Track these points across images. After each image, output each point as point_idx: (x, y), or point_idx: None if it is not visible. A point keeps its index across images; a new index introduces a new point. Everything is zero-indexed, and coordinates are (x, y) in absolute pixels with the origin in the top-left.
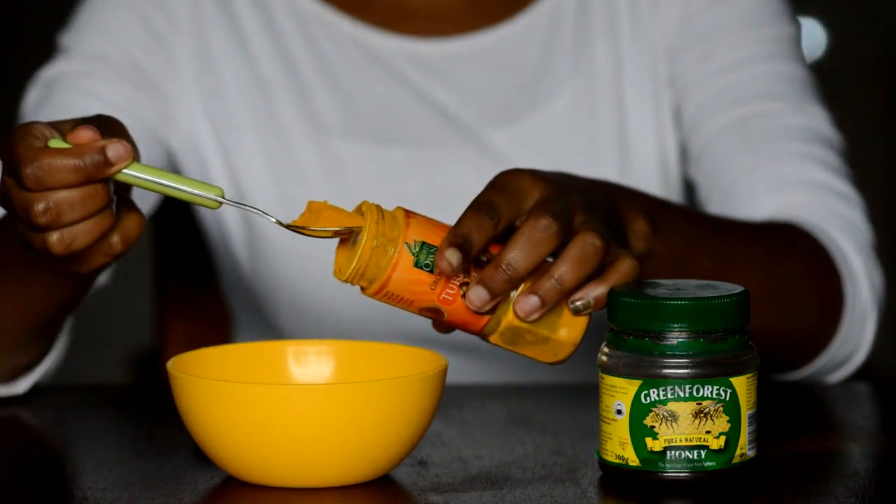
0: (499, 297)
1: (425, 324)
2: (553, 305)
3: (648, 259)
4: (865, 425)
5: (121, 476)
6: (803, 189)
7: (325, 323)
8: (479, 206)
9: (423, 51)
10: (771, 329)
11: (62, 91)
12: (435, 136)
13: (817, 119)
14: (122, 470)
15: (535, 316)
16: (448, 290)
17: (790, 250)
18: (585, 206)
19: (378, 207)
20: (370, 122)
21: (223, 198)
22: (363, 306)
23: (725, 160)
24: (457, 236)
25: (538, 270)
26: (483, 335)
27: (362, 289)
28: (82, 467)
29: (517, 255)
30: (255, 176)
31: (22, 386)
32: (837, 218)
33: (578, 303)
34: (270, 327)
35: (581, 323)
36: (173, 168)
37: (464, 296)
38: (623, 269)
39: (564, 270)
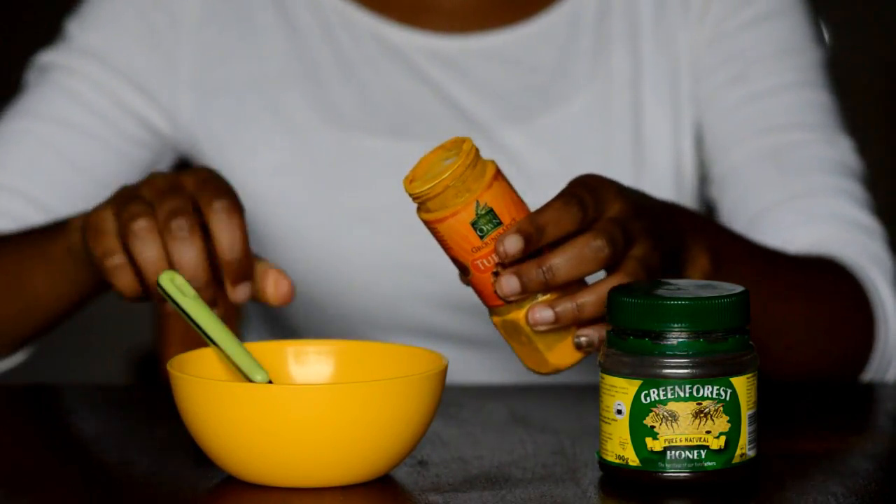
0: (527, 295)
1: (429, 318)
2: (563, 327)
3: None
4: (865, 425)
5: (121, 476)
6: (836, 224)
7: (331, 314)
8: (570, 199)
9: (442, 47)
10: (803, 366)
11: (49, 86)
12: (450, 131)
13: (846, 150)
14: (122, 470)
15: (542, 329)
16: (485, 261)
17: (834, 293)
18: (652, 235)
19: (476, 153)
20: (386, 116)
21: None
22: (369, 298)
23: (755, 188)
24: (531, 225)
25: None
26: (489, 311)
27: (418, 207)
28: (82, 467)
29: (562, 263)
30: (261, 169)
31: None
32: (870, 256)
33: (583, 339)
34: (276, 319)
35: (576, 356)
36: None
37: (496, 273)
38: None
39: (589, 302)
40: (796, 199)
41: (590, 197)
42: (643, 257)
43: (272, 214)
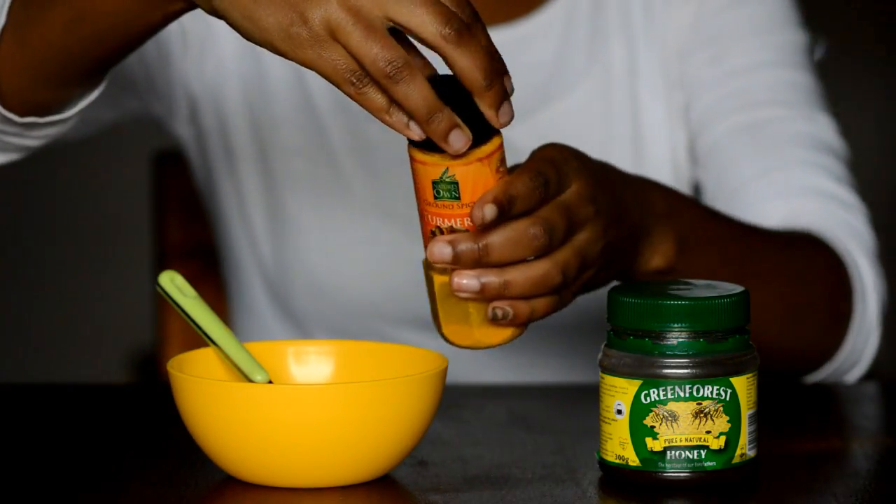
0: (455, 267)
1: None
2: (485, 300)
3: (669, 275)
4: (865, 425)
5: (121, 476)
6: (812, 197)
7: (338, 304)
8: (537, 175)
9: None
10: (779, 344)
11: None
12: None
13: (825, 128)
14: (122, 470)
15: (464, 296)
16: (430, 217)
17: (811, 269)
18: (604, 220)
19: (496, 143)
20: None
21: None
22: (376, 290)
23: (733, 163)
24: (505, 195)
25: None
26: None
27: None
28: (82, 467)
29: (498, 244)
30: (283, 145)
31: (67, 113)
32: (848, 229)
33: (499, 311)
34: (283, 309)
35: (469, 341)
36: (190, 106)
37: (433, 233)
38: (541, 307)
39: (517, 281)
40: (771, 172)
41: (553, 174)
42: (582, 246)
43: (289, 195)
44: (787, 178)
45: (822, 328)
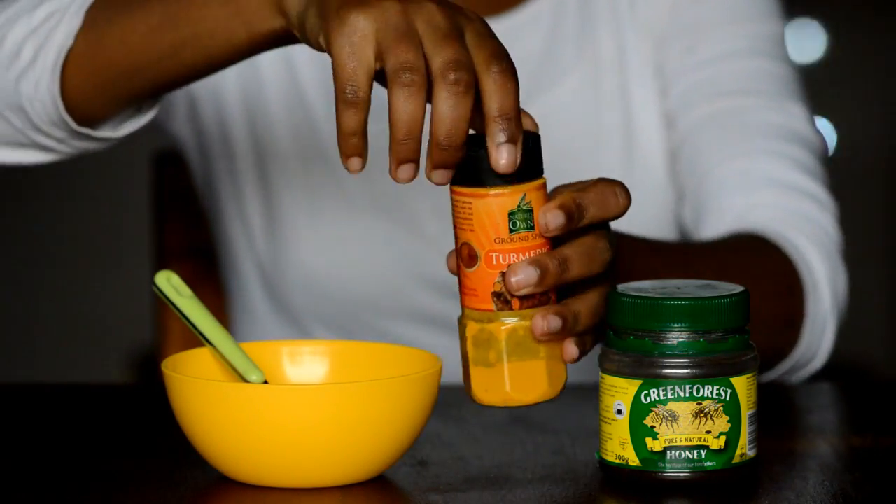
0: (537, 291)
1: (433, 307)
2: (562, 338)
3: None
4: (866, 425)
5: (121, 476)
6: (773, 189)
7: (335, 299)
8: (613, 183)
9: None
10: None
11: None
12: None
13: (796, 118)
14: (122, 470)
15: (545, 339)
16: (501, 257)
17: (755, 277)
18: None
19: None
20: (380, 106)
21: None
22: (373, 284)
23: (700, 152)
24: (575, 201)
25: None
26: (465, 314)
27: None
28: (82, 467)
29: (575, 258)
30: (278, 146)
31: (118, 133)
32: (805, 222)
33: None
34: (279, 303)
35: (537, 393)
36: (190, 106)
37: (503, 274)
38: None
39: (582, 310)
40: (734, 160)
41: (626, 198)
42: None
43: (284, 193)
44: (751, 167)
45: (773, 334)
